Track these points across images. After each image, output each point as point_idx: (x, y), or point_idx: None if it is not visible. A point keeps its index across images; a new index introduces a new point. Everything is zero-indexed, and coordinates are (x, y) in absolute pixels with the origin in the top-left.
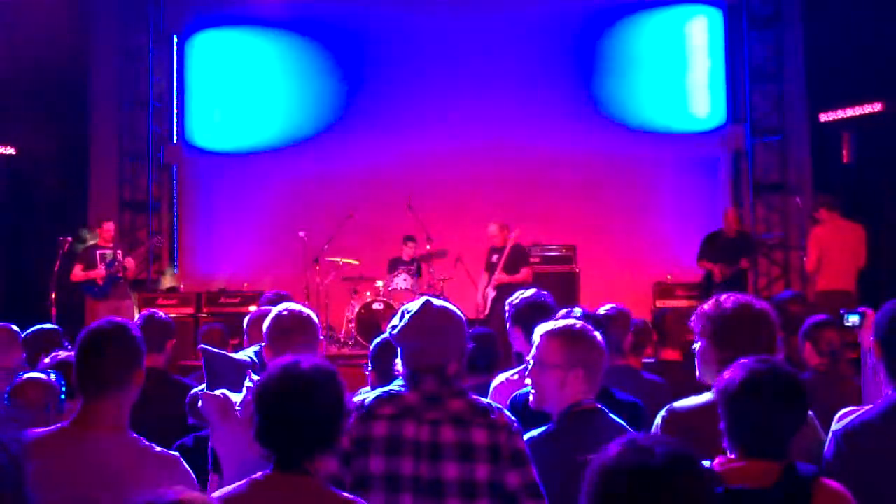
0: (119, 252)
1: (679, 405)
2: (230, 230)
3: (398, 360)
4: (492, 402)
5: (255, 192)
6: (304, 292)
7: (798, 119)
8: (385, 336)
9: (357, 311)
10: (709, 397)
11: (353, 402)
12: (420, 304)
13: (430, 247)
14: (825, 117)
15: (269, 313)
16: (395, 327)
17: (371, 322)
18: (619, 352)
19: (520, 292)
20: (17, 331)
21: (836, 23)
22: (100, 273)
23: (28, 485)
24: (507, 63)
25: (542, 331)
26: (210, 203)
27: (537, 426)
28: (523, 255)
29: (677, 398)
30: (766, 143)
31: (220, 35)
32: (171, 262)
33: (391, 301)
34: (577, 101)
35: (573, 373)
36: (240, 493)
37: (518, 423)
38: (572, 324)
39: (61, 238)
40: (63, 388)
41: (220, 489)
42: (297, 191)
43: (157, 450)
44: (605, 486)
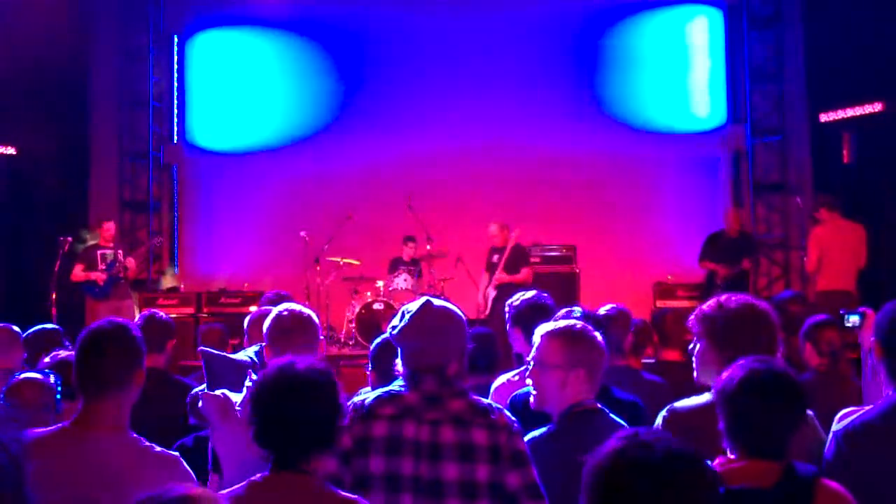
0: (120, 252)
1: (680, 405)
2: (230, 230)
3: (398, 360)
4: (492, 403)
5: (256, 191)
6: (305, 292)
7: (798, 119)
8: (385, 336)
9: (357, 311)
10: (710, 397)
11: (349, 401)
12: (420, 304)
13: (430, 247)
14: (825, 117)
15: (270, 313)
16: (396, 327)
17: (371, 322)
18: (619, 352)
19: (519, 294)
20: (17, 331)
21: (837, 23)
22: (100, 276)
23: (28, 485)
24: (507, 63)
25: (543, 331)
26: (210, 203)
27: (536, 425)
28: (524, 255)
29: (678, 399)
30: (766, 143)
31: (220, 35)
32: (172, 262)
33: (392, 301)
34: (578, 101)
35: (574, 373)
36: (239, 496)
37: (518, 424)
38: (573, 324)
39: (61, 238)
40: (59, 389)
41: (220, 490)
42: (297, 190)
43: (158, 450)
44: (606, 480)
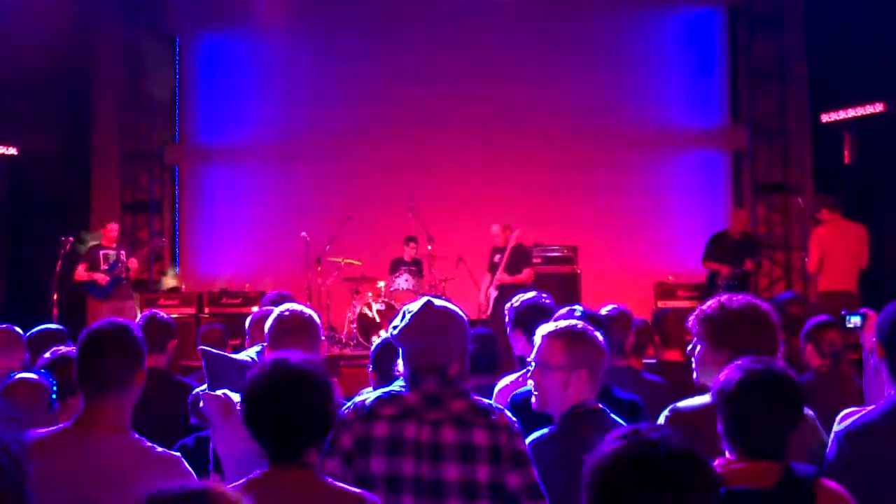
0: (122, 253)
1: (682, 405)
2: (231, 230)
3: (399, 360)
4: (493, 403)
5: (257, 192)
6: (306, 293)
7: (799, 119)
8: (386, 336)
9: (358, 311)
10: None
11: (349, 402)
12: (421, 304)
13: (431, 247)
14: (827, 118)
15: (271, 314)
16: (397, 327)
17: (372, 322)
18: (620, 352)
19: (519, 295)
20: (19, 332)
21: (838, 23)
22: (103, 276)
23: (29, 485)
24: (507, 63)
25: (544, 332)
26: (211, 203)
27: (536, 425)
28: (525, 256)
29: (678, 399)
30: (767, 143)
31: (220, 35)
32: (173, 263)
33: (392, 301)
34: (578, 100)
35: (576, 374)
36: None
37: (519, 424)
38: (574, 325)
39: (63, 238)
40: (55, 388)
41: None
42: (298, 191)
43: (159, 450)
44: (607, 479)
